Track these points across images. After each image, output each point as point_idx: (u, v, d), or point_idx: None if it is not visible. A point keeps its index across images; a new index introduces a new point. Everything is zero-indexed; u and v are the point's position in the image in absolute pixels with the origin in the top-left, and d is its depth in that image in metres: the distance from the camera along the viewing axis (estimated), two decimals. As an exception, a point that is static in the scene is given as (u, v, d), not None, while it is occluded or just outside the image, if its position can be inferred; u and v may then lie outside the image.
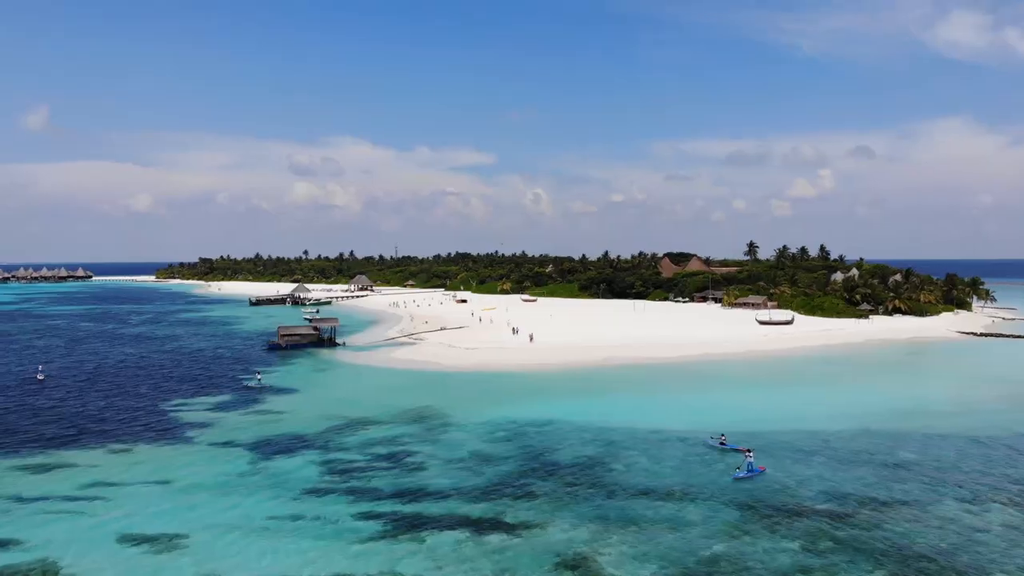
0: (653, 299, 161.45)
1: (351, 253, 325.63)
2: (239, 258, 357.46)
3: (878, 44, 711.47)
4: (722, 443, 41.44)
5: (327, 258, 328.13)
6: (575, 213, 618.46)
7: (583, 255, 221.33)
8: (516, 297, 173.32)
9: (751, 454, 37.10)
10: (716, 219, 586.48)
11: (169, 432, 46.34)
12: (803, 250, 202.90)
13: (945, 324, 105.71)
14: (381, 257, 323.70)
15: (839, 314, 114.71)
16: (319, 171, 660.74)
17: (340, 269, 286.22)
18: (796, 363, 73.45)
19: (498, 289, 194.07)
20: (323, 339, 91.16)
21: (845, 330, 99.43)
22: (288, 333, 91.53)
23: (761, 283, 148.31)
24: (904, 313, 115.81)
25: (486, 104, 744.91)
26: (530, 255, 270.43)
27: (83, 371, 71.32)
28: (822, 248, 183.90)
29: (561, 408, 51.82)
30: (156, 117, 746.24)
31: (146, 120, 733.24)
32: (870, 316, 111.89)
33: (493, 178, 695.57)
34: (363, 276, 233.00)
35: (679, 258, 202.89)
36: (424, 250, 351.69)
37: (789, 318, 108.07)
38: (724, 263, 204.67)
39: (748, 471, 36.31)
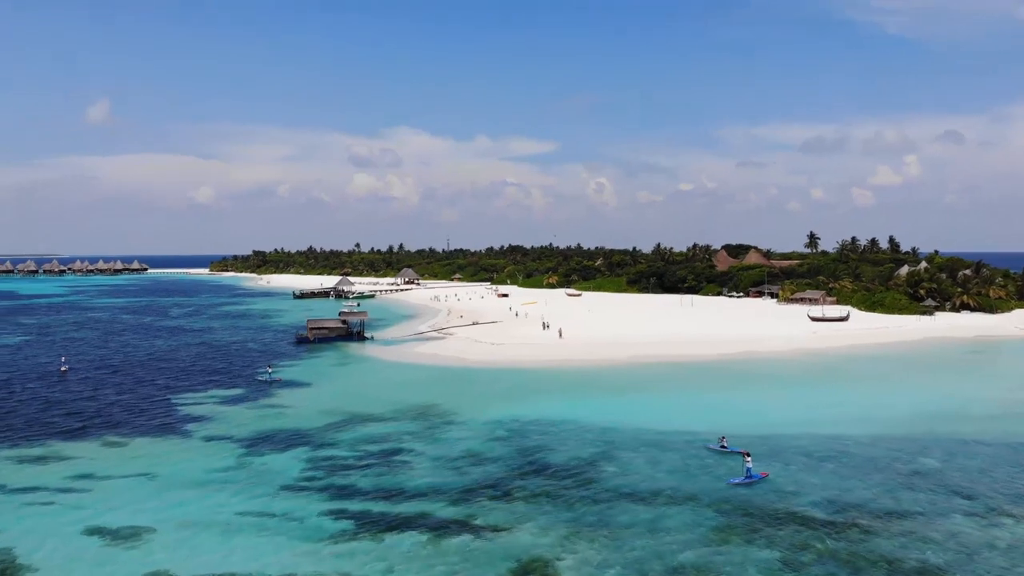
0: (705, 294, 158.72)
1: (400, 246, 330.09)
2: (292, 251, 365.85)
3: (970, 22, 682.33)
4: (723, 446, 40.43)
5: (378, 251, 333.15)
6: (641, 203, 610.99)
7: (634, 247, 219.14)
8: (561, 291, 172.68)
9: (749, 459, 36.05)
10: (792, 209, 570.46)
11: (169, 426, 47.68)
12: (873, 242, 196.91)
13: (1016, 322, 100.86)
14: (432, 250, 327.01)
15: (900, 311, 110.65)
16: (378, 162, 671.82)
17: (389, 262, 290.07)
18: (839, 362, 71.13)
19: (544, 283, 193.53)
20: (352, 333, 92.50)
21: (904, 328, 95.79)
22: (317, 326, 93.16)
23: (821, 277, 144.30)
24: (972, 310, 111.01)
25: (547, 91, 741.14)
26: (586, 247, 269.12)
27: (108, 364, 73.97)
28: (891, 240, 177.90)
29: (571, 407, 51.39)
30: (217, 109, 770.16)
31: (206, 112, 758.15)
32: (934, 313, 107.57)
33: (554, 167, 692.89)
34: (409, 269, 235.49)
35: (737, 250, 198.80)
36: (482, 242, 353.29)
37: (844, 314, 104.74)
38: (787, 256, 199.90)
39: (747, 476, 35.30)
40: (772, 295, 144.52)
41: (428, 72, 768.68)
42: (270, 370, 65.87)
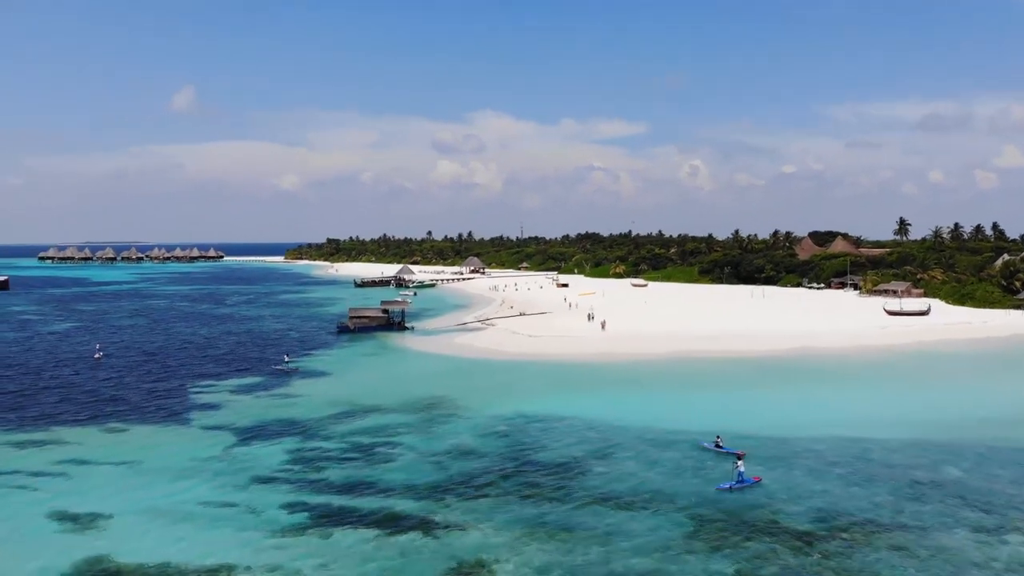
0: (784, 285, 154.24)
1: (469, 234, 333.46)
2: (367, 239, 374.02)
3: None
4: (718, 445, 39.23)
5: (450, 239, 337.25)
6: (739, 187, 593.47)
7: (709, 234, 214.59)
8: (627, 281, 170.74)
9: (741, 462, 34.82)
10: (907, 193, 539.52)
11: (175, 414, 49.49)
12: (977, 229, 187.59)
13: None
14: (502, 237, 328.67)
15: (992, 304, 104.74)
16: (461, 148, 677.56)
17: (458, 251, 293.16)
18: (899, 360, 67.92)
19: (610, 272, 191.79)
20: (392, 322, 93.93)
21: (991, 323, 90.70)
22: (358, 315, 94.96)
23: (908, 267, 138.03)
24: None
25: (637, 70, 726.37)
26: (670, 235, 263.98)
27: (144, 351, 77.32)
28: (995, 227, 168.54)
29: (585, 402, 50.85)
30: (302, 96, 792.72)
31: (292, 99, 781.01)
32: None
33: (644, 150, 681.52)
34: (475, 258, 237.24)
35: (825, 238, 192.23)
36: (565, 230, 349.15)
37: (924, 308, 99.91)
38: (880, 244, 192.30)
39: (738, 481, 34.14)
40: (855, 286, 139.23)
41: (512, 53, 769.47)
42: (287, 359, 67.60)
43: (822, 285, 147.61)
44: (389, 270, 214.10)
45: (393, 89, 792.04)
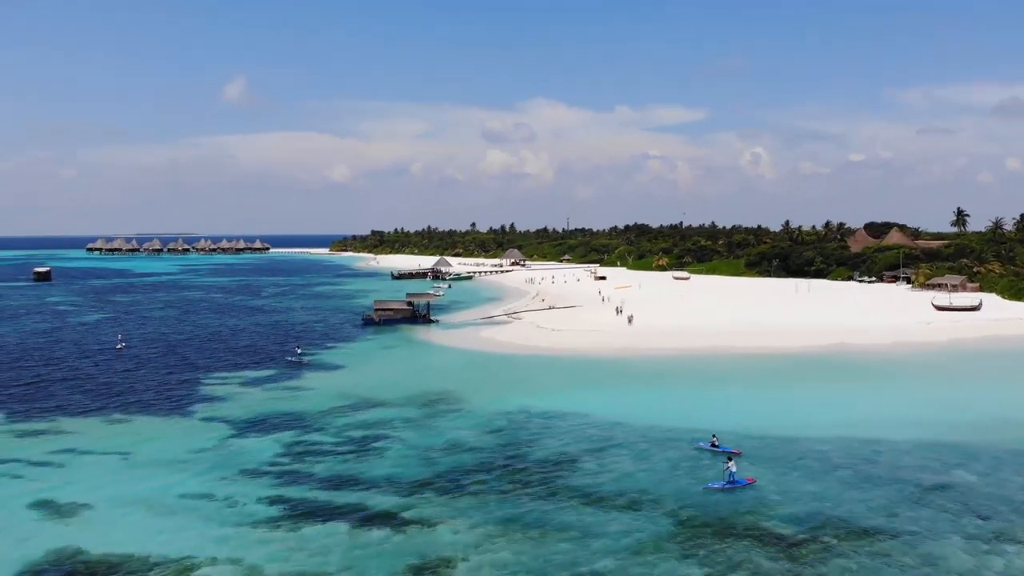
0: (834, 278, 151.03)
1: (511, 226, 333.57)
2: (411, 231, 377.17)
3: None
4: (713, 444, 38.67)
5: (493, 231, 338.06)
6: (803, 175, 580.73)
7: (759, 225, 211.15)
8: (669, 274, 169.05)
9: (731, 462, 34.26)
10: (983, 181, 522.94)
11: (179, 406, 50.66)
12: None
13: None
14: (546, 229, 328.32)
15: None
16: (511, 137, 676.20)
17: (500, 243, 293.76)
18: (937, 358, 65.98)
19: (653, 265, 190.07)
20: (418, 315, 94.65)
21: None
22: (383, 308, 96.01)
23: (964, 260, 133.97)
24: None
25: (696, 53, 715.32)
26: (723, 226, 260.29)
27: (167, 343, 79.24)
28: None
29: (593, 399, 50.64)
30: (351, 86, 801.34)
31: (343, 89, 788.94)
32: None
33: (703, 137, 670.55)
34: (515, 250, 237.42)
35: (881, 229, 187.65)
36: (619, 221, 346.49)
37: (975, 303, 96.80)
38: (938, 236, 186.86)
39: (729, 482, 33.62)
40: (908, 280, 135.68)
41: (565, 39, 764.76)
42: (299, 351, 68.63)
43: (873, 279, 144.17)
44: (428, 262, 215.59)
45: (444, 78, 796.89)
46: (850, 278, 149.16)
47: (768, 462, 37.26)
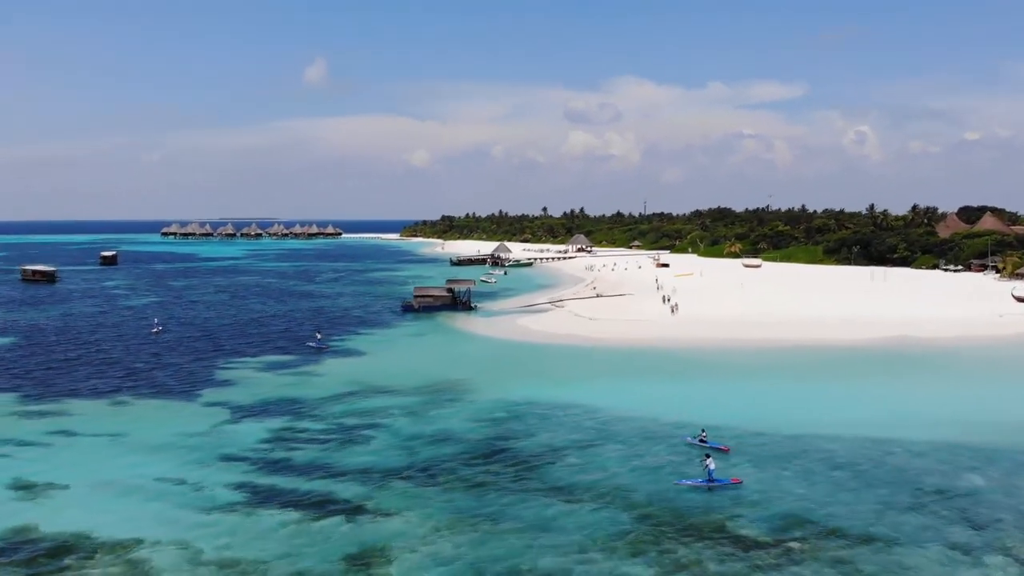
0: (918, 266, 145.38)
1: (581, 210, 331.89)
2: (483, 216, 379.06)
3: None
4: (702, 440, 37.82)
5: (565, 215, 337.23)
6: (912, 155, 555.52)
7: (841, 209, 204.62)
8: (739, 261, 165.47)
9: (709, 459, 33.44)
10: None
11: (188, 390, 52.34)
12: None
13: None
14: (619, 214, 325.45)
15: None
16: (595, 118, 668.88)
17: (569, 228, 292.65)
18: (993, 353, 63.12)
19: (724, 252, 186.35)
20: (458, 302, 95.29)
21: None
22: (422, 294, 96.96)
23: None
24: None
25: (795, 24, 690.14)
26: (813, 210, 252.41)
27: (203, 327, 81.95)
28: None
29: (602, 390, 50.24)
30: (431, 68, 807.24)
31: (422, 71, 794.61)
32: None
33: (803, 115, 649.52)
34: (581, 236, 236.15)
35: (977, 214, 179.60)
36: (709, 203, 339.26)
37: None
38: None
39: (708, 479, 32.88)
40: (996, 268, 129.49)
41: (655, 10, 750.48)
42: (319, 336, 69.95)
43: (959, 267, 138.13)
44: (484, 248, 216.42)
45: (528, 56, 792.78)
46: (935, 266, 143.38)
47: (764, 461, 36.33)
